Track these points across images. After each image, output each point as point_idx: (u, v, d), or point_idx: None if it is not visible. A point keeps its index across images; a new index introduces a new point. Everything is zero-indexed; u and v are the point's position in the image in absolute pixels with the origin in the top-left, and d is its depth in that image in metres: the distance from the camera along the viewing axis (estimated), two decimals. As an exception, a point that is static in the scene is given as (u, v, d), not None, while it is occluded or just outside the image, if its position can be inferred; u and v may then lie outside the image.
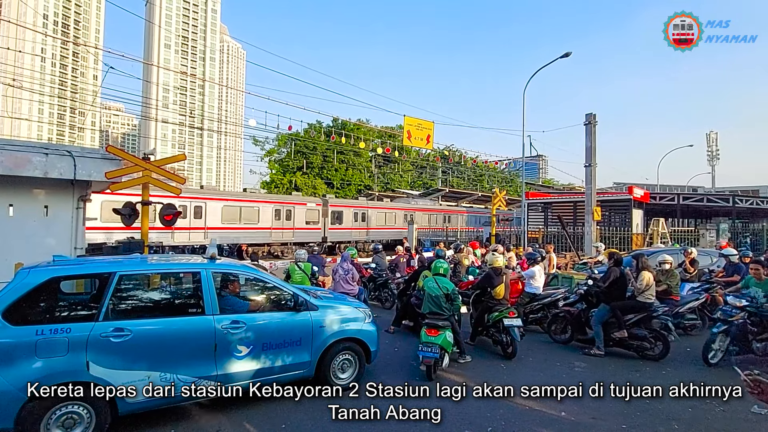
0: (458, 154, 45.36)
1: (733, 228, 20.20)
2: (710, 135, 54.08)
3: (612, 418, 4.04)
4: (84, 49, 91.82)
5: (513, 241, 20.83)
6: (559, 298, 7.38)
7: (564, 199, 26.70)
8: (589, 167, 16.91)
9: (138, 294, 4.11)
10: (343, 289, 7.42)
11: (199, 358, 3.84)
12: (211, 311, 3.97)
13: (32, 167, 5.49)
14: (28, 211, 5.93)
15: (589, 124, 16.77)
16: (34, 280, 3.46)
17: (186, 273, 4.47)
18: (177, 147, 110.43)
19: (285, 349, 4.29)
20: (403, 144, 25.49)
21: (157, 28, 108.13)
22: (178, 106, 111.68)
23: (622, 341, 6.09)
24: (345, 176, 42.31)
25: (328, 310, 4.70)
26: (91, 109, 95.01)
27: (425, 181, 47.74)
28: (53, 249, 5.46)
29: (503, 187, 44.89)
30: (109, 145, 8.08)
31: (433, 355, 5.00)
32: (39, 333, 3.30)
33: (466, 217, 33.10)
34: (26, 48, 76.45)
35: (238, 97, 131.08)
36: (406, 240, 16.72)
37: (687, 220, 35.35)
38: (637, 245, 17.86)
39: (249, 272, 4.64)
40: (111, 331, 3.52)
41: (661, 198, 25.93)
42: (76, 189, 6.24)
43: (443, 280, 5.81)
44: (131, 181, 6.93)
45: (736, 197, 26.15)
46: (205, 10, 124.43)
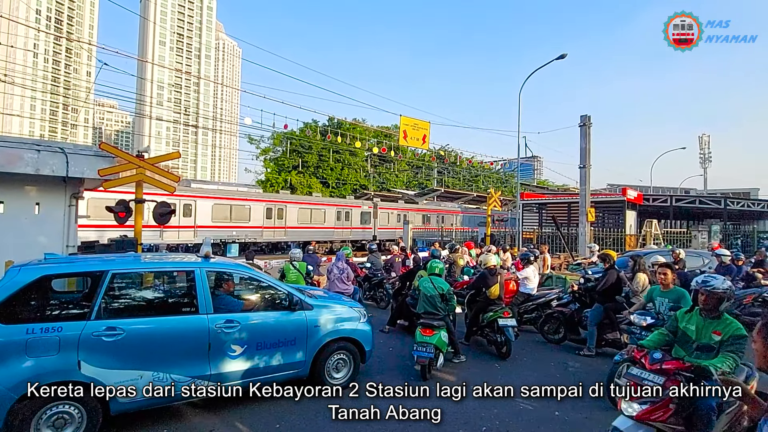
0: (454, 154, 45.48)
1: (724, 230, 20.42)
2: (702, 138, 54.66)
3: (605, 418, 4.06)
4: (77, 45, 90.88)
5: (508, 241, 20.92)
6: (552, 299, 7.41)
7: (558, 200, 26.83)
8: (584, 168, 17.03)
9: (131, 293, 4.07)
10: (338, 288, 7.41)
11: (193, 358, 3.81)
12: (205, 310, 3.94)
13: (24, 164, 5.43)
14: (20, 209, 5.86)
15: (584, 126, 16.89)
16: (24, 278, 3.42)
17: (180, 272, 4.44)
18: (171, 145, 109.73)
19: (279, 349, 4.27)
20: (399, 144, 25.52)
21: (151, 25, 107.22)
22: (172, 104, 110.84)
23: (615, 342, 6.13)
24: (341, 176, 42.23)
25: (322, 310, 4.69)
26: (84, 106, 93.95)
27: (421, 181, 47.76)
28: (45, 247, 5.41)
29: (498, 187, 45.03)
30: (103, 142, 8.02)
31: (428, 354, 5.01)
32: (30, 332, 3.26)
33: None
34: (18, 43, 75.52)
35: (233, 95, 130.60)
36: (401, 240, 16.73)
37: (679, 221, 35.67)
38: (631, 246, 18.00)
39: (243, 271, 4.61)
40: (103, 330, 3.48)
41: (654, 200, 26.16)
42: (69, 186, 6.18)
43: (438, 280, 5.81)
44: (125, 179, 6.87)
45: (727, 199, 26.46)
46: (200, 7, 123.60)
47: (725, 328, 3.07)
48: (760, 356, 1.56)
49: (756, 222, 31.53)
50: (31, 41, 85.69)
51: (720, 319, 3.13)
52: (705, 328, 3.15)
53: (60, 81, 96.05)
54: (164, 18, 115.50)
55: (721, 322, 3.13)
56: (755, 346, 1.58)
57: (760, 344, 1.55)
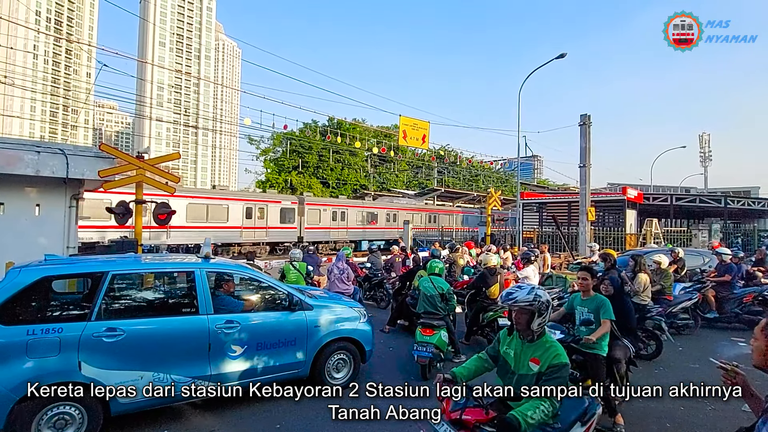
0: (454, 154, 45.50)
1: (724, 228, 20.41)
2: (703, 136, 54.66)
3: (604, 418, 4.06)
4: (77, 47, 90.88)
5: (508, 241, 20.92)
6: (553, 298, 7.41)
7: (559, 199, 26.82)
8: (584, 168, 17.02)
9: (131, 293, 4.08)
10: (339, 288, 7.41)
11: (193, 358, 3.82)
12: (205, 311, 3.95)
13: (24, 165, 5.44)
14: (20, 210, 5.87)
15: (584, 125, 16.88)
16: (25, 279, 3.42)
17: (180, 272, 4.44)
18: (171, 146, 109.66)
19: (279, 349, 4.28)
20: (398, 144, 25.52)
21: (151, 26, 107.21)
22: (172, 105, 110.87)
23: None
24: (341, 176, 42.25)
25: (323, 310, 4.69)
26: (84, 107, 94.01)
27: (421, 181, 47.79)
28: (45, 248, 5.41)
29: (498, 187, 45.05)
30: (103, 143, 8.01)
31: (428, 354, 5.02)
32: (30, 333, 3.26)
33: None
34: (18, 45, 75.57)
35: (233, 95, 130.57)
36: (402, 240, 16.74)
37: (680, 220, 35.66)
38: (631, 245, 17.99)
39: (243, 272, 4.62)
40: (103, 330, 3.49)
41: (654, 199, 26.15)
42: (69, 187, 6.19)
43: (438, 279, 5.82)
44: (124, 180, 6.87)
45: (727, 198, 26.45)
46: (200, 8, 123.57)
47: (543, 354, 2.42)
48: (759, 355, 1.56)
49: (756, 220, 31.54)
50: (30, 43, 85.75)
51: (538, 342, 2.48)
52: (523, 353, 2.50)
53: (60, 82, 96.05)
54: (164, 19, 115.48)
55: (539, 346, 2.46)
56: (756, 344, 1.58)
57: (762, 342, 1.55)
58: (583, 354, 3.83)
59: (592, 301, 3.97)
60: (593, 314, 3.88)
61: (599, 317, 3.84)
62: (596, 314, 3.87)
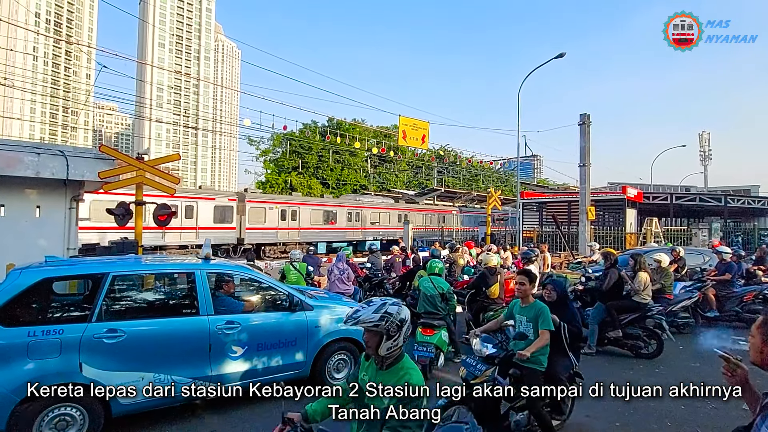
0: (453, 154, 45.49)
1: (725, 227, 20.42)
2: (703, 135, 54.63)
3: (606, 416, 4.07)
4: (77, 48, 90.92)
5: (508, 240, 20.93)
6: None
7: (558, 198, 26.82)
8: (584, 167, 17.03)
9: (132, 295, 4.09)
10: (339, 289, 7.41)
11: (194, 359, 3.82)
12: (205, 312, 3.95)
13: (24, 167, 5.44)
14: (20, 212, 5.87)
15: (584, 125, 16.90)
16: (25, 281, 3.43)
17: (180, 273, 4.45)
18: (171, 147, 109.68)
19: (280, 350, 4.28)
20: (398, 144, 25.51)
21: (150, 27, 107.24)
22: (172, 106, 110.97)
23: (616, 340, 6.13)
24: (341, 176, 42.26)
25: (323, 310, 4.70)
26: (84, 109, 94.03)
27: (421, 180, 47.79)
28: (45, 249, 5.41)
29: (498, 186, 45.02)
30: (103, 144, 8.02)
31: (429, 354, 5.02)
32: (31, 334, 3.27)
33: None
34: (18, 46, 75.70)
35: (233, 96, 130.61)
36: (402, 240, 16.75)
37: (680, 219, 35.66)
38: (631, 244, 17.99)
39: (244, 272, 4.63)
40: (104, 332, 3.49)
41: (654, 198, 26.16)
42: (69, 189, 6.19)
43: (439, 279, 5.82)
44: (124, 181, 6.88)
45: (727, 197, 26.43)
46: (199, 9, 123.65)
47: (395, 379, 2.02)
48: (756, 352, 1.57)
49: (756, 219, 31.56)
50: (30, 44, 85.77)
51: (391, 369, 2.05)
52: (377, 382, 2.07)
53: (60, 84, 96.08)
54: (163, 20, 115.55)
55: (392, 373, 2.04)
56: (753, 341, 1.59)
57: (758, 340, 1.56)
58: (521, 368, 3.43)
59: (530, 309, 3.57)
60: (532, 323, 3.51)
61: (537, 327, 3.46)
62: (535, 323, 3.50)
